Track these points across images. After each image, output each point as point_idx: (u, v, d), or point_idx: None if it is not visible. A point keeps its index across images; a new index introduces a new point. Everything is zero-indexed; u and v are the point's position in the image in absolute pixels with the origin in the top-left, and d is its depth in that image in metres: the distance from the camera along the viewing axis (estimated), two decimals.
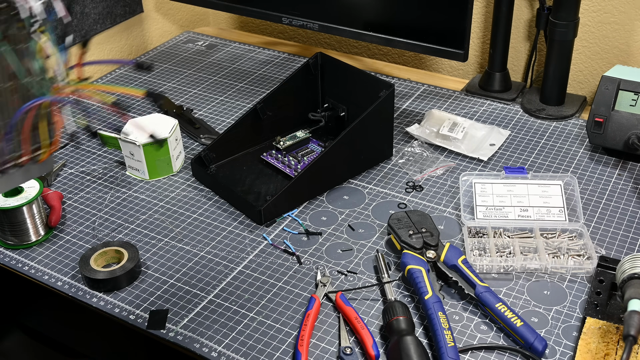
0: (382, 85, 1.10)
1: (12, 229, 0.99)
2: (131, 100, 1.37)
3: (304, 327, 0.84)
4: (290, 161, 1.13)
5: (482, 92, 1.35)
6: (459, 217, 1.03)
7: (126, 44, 1.59)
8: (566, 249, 0.95)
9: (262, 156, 1.16)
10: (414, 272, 0.89)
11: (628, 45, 1.31)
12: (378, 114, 1.09)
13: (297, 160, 1.13)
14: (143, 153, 1.11)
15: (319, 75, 1.21)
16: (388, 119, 1.13)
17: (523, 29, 1.40)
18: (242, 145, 1.17)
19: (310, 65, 1.19)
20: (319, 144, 1.18)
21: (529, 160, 1.16)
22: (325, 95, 1.23)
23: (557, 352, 0.82)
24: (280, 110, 1.19)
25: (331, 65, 1.19)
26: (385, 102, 1.09)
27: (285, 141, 1.16)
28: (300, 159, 1.14)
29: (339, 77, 1.19)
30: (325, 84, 1.22)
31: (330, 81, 1.21)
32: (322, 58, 1.20)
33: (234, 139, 1.15)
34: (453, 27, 1.17)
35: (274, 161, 1.14)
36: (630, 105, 1.11)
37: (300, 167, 1.11)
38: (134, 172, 1.15)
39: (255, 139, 1.19)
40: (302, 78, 1.20)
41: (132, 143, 1.10)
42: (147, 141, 1.09)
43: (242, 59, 1.54)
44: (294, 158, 1.14)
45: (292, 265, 0.96)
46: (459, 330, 0.85)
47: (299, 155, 1.15)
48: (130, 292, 0.93)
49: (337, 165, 1.09)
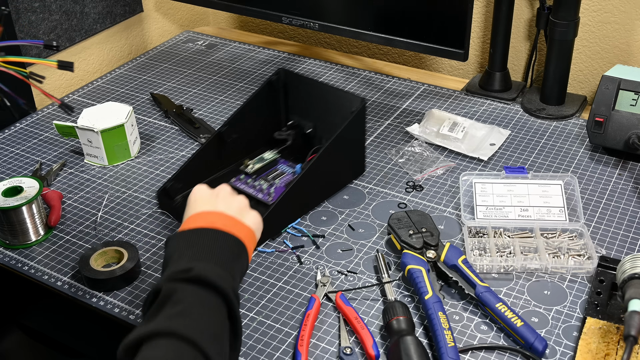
0: (352, 99, 1.05)
1: (12, 228, 0.99)
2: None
3: (304, 327, 0.84)
4: (261, 185, 1.07)
5: (482, 91, 1.35)
6: (459, 217, 1.03)
7: (126, 44, 1.59)
8: (566, 249, 0.95)
9: (230, 182, 1.09)
10: (414, 272, 0.89)
11: (628, 44, 1.31)
12: (351, 130, 1.04)
13: (269, 184, 1.07)
14: (101, 139, 1.14)
15: (281, 93, 1.15)
16: (361, 135, 1.08)
17: (523, 29, 1.40)
18: (209, 172, 1.10)
19: (273, 82, 1.13)
20: (289, 164, 1.13)
21: (529, 160, 1.16)
22: (289, 112, 1.16)
23: (557, 352, 0.82)
24: (245, 132, 1.12)
25: (295, 81, 1.14)
26: (357, 118, 1.04)
27: (254, 164, 1.10)
28: (271, 182, 1.08)
29: (303, 93, 1.13)
30: (289, 101, 1.15)
31: (294, 98, 1.15)
32: (285, 74, 1.14)
33: (200, 166, 1.08)
34: (453, 26, 1.17)
35: (244, 186, 1.08)
36: (631, 105, 1.11)
37: (273, 190, 1.06)
38: (92, 159, 1.18)
39: (221, 164, 1.12)
40: (266, 96, 1.13)
41: (90, 130, 1.13)
42: (104, 127, 1.13)
43: (242, 58, 1.53)
44: (265, 182, 1.08)
45: (292, 265, 0.96)
46: (459, 330, 0.85)
47: (270, 178, 1.09)
48: (130, 292, 0.92)
49: (314, 187, 1.04)
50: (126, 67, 1.51)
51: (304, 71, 1.46)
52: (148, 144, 1.24)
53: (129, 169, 1.17)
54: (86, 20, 1.46)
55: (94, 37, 1.50)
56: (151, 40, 1.66)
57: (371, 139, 1.23)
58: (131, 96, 1.39)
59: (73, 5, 1.41)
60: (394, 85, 1.40)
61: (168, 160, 1.19)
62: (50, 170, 1.16)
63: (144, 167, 1.18)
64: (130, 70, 1.50)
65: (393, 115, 1.30)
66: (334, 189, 1.09)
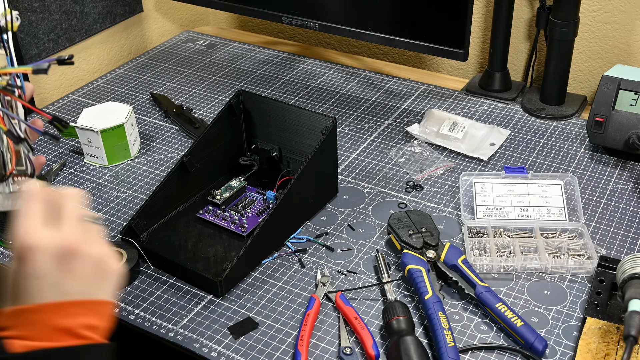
0: (321, 120, 1.02)
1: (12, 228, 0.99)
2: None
3: (304, 327, 0.84)
4: (232, 216, 1.02)
5: (482, 91, 1.35)
6: (459, 216, 1.03)
7: (126, 44, 1.59)
8: (566, 249, 0.95)
9: (198, 214, 1.04)
10: (414, 272, 0.89)
11: (628, 44, 1.31)
12: (323, 151, 1.00)
13: (241, 214, 1.02)
14: (101, 139, 1.14)
15: (242, 116, 1.11)
16: (333, 155, 1.04)
17: (523, 29, 1.40)
18: (173, 205, 1.04)
19: (233, 105, 1.08)
20: (257, 191, 1.08)
21: (529, 160, 1.16)
22: (251, 136, 1.12)
23: (557, 352, 0.82)
24: (209, 160, 1.07)
25: (255, 103, 1.09)
26: (329, 138, 1.00)
27: (222, 194, 1.04)
28: (243, 212, 1.03)
29: (264, 115, 1.09)
30: (250, 124, 1.11)
31: (256, 120, 1.10)
32: (244, 96, 1.09)
33: (164, 199, 1.02)
34: (453, 26, 1.17)
35: (213, 218, 1.02)
36: (631, 105, 1.11)
37: (246, 221, 1.01)
38: (92, 159, 1.18)
39: (185, 195, 1.06)
40: (227, 121, 1.08)
41: (90, 130, 1.13)
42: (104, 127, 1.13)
43: (242, 58, 1.53)
44: (235, 212, 1.03)
45: (292, 265, 0.96)
46: (459, 330, 0.85)
47: (240, 207, 1.04)
48: (130, 292, 0.92)
49: (291, 213, 1.00)
50: (126, 67, 1.51)
51: (304, 71, 1.46)
52: (148, 144, 1.24)
53: (129, 169, 1.17)
54: (86, 20, 1.46)
55: (94, 37, 1.50)
56: (151, 40, 1.66)
57: (371, 139, 1.23)
58: (131, 96, 1.39)
59: (73, 5, 1.41)
60: (394, 85, 1.40)
61: (168, 160, 1.19)
62: (50, 170, 1.16)
63: (144, 167, 1.18)
64: (130, 70, 1.50)
65: (393, 115, 1.30)
66: (312, 211, 1.05)
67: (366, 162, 1.16)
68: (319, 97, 1.36)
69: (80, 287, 0.57)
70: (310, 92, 1.38)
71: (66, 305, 0.56)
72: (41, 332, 0.55)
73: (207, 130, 1.06)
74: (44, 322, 0.55)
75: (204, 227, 1.02)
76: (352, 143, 1.22)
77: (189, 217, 1.04)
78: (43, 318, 0.55)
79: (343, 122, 1.28)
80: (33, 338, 0.55)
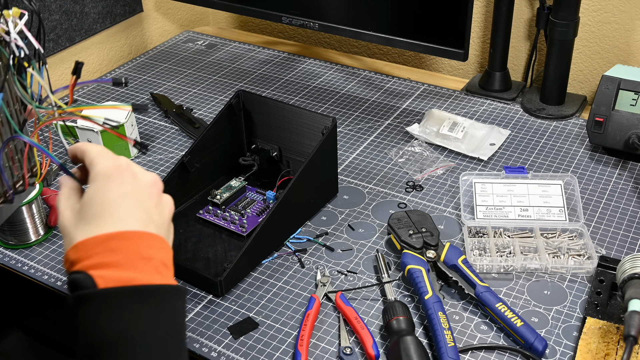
0: (321, 120, 1.02)
1: (12, 228, 0.99)
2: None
3: (303, 327, 0.84)
4: (232, 216, 1.02)
5: (482, 91, 1.35)
6: (459, 216, 1.03)
7: (126, 44, 1.59)
8: (566, 249, 0.95)
9: (198, 214, 1.04)
10: (414, 272, 0.89)
11: (628, 44, 1.31)
12: (323, 151, 1.00)
13: (241, 214, 1.03)
14: (101, 139, 1.14)
15: (242, 116, 1.11)
16: (333, 155, 1.04)
17: (523, 29, 1.40)
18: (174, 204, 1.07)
19: (233, 105, 1.08)
20: (257, 191, 1.08)
21: (529, 160, 1.16)
22: (251, 136, 1.13)
23: (557, 352, 0.82)
24: (209, 160, 1.07)
25: (255, 103, 1.09)
26: (329, 138, 1.00)
27: (222, 194, 1.05)
28: (243, 212, 1.03)
29: (264, 115, 1.09)
30: (250, 124, 1.12)
31: (256, 120, 1.11)
32: (244, 96, 1.09)
33: None
34: (453, 26, 1.17)
35: (213, 218, 1.03)
36: (631, 105, 1.11)
37: (246, 221, 1.01)
38: None
39: (185, 195, 1.06)
40: (227, 121, 1.08)
41: (90, 130, 1.14)
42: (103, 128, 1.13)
43: (242, 58, 1.53)
44: (235, 212, 1.03)
45: (292, 265, 0.96)
46: (459, 330, 0.85)
47: (240, 207, 1.04)
48: None
49: (291, 213, 0.99)
50: (126, 67, 1.51)
51: (304, 71, 1.46)
52: (148, 144, 1.24)
53: None
54: (86, 20, 1.46)
55: (94, 37, 1.50)
56: (151, 40, 1.66)
57: (371, 138, 1.23)
58: (131, 96, 1.39)
59: (73, 5, 1.41)
60: (394, 85, 1.40)
61: (168, 160, 1.19)
62: (50, 170, 1.16)
63: (144, 167, 1.17)
64: (130, 70, 1.50)
65: (393, 115, 1.30)
66: (311, 213, 1.04)
67: (366, 162, 1.16)
68: (319, 97, 1.36)
69: (161, 220, 0.59)
70: (310, 92, 1.38)
71: (152, 237, 0.57)
72: (127, 258, 0.54)
73: (207, 130, 1.06)
74: (130, 248, 0.54)
75: (204, 227, 1.02)
76: (352, 143, 1.22)
77: (189, 217, 1.04)
78: (129, 245, 0.55)
79: (343, 122, 1.28)
80: (116, 265, 0.53)
